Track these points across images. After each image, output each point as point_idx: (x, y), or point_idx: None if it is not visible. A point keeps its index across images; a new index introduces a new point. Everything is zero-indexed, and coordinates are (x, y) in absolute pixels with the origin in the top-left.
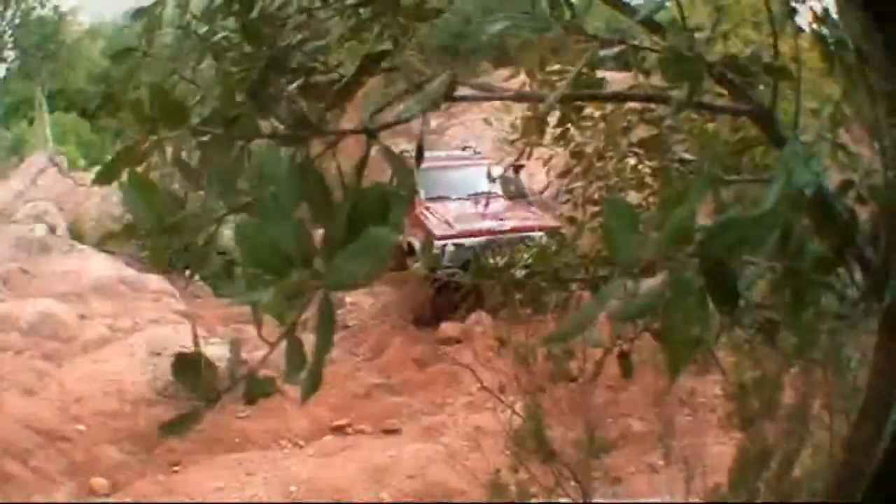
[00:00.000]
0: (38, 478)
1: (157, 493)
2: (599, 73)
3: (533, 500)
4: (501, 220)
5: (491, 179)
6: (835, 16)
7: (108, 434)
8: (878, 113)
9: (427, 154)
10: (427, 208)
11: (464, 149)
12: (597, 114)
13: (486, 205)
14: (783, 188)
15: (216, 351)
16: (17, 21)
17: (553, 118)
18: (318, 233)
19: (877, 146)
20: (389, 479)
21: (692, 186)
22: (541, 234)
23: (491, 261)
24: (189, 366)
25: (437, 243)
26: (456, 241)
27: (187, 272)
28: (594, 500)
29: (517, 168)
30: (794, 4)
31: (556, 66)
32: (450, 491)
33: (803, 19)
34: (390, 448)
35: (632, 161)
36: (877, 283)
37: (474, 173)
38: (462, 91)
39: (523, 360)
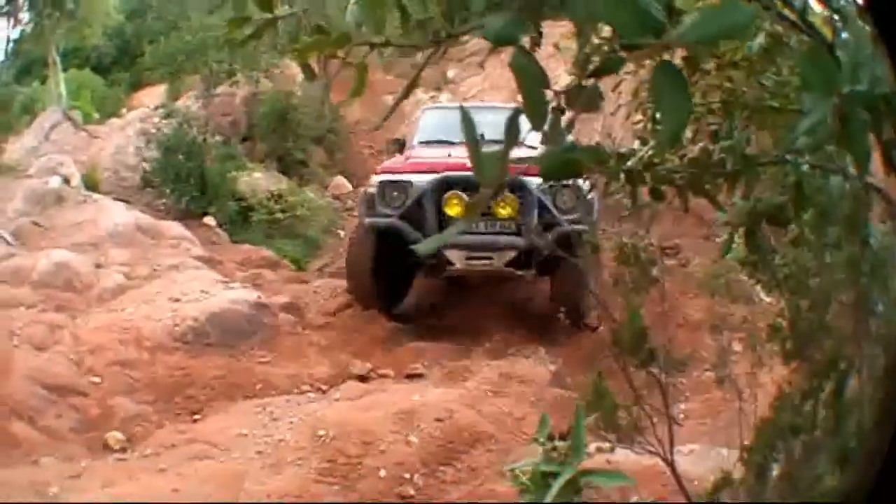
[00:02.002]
0: (47, 438)
1: (178, 443)
2: None
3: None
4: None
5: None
6: None
7: (124, 385)
8: None
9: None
10: (412, 152)
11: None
12: None
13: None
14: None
15: (236, 295)
16: None
17: None
18: None
19: None
20: (418, 423)
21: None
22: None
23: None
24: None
25: (372, 182)
26: (395, 177)
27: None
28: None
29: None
30: None
31: None
32: (478, 434)
33: None
34: (415, 392)
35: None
36: None
37: (495, 118)
38: None
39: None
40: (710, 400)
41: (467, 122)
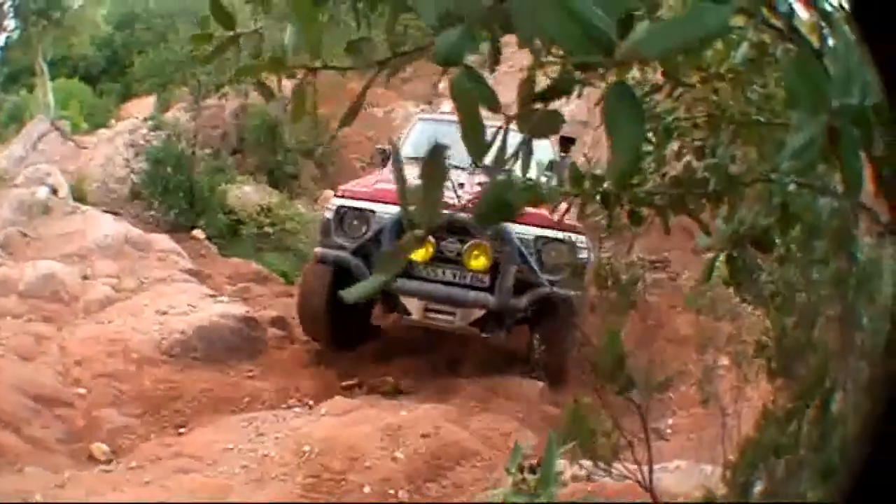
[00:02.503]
0: (32, 447)
1: (163, 455)
2: None
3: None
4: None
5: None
6: None
7: (110, 397)
8: None
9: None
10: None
11: None
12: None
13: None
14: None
15: (224, 308)
16: None
17: None
18: None
19: None
20: (404, 439)
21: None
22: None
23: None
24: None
25: (330, 205)
26: (356, 203)
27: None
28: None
29: (566, 144)
30: None
31: None
32: (464, 450)
33: None
34: (402, 408)
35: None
36: None
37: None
38: None
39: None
40: (697, 415)
41: (395, 153)
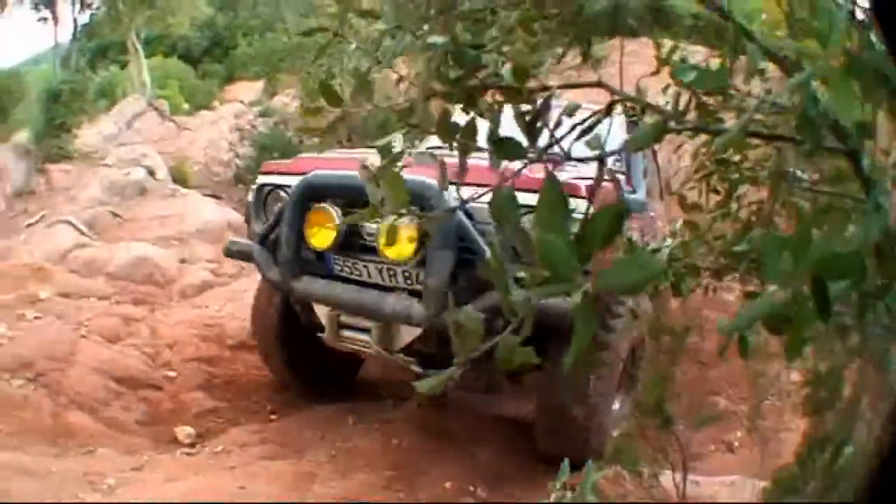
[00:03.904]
0: (107, 429)
1: (250, 441)
2: None
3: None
4: None
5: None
6: None
7: (201, 380)
8: None
9: None
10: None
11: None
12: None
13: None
14: (866, 235)
15: None
16: None
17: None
18: None
19: None
20: (492, 434)
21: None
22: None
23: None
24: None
25: (253, 185)
26: (278, 179)
27: None
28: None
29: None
30: None
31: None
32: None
33: None
34: (493, 403)
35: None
36: None
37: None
38: None
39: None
40: (764, 428)
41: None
